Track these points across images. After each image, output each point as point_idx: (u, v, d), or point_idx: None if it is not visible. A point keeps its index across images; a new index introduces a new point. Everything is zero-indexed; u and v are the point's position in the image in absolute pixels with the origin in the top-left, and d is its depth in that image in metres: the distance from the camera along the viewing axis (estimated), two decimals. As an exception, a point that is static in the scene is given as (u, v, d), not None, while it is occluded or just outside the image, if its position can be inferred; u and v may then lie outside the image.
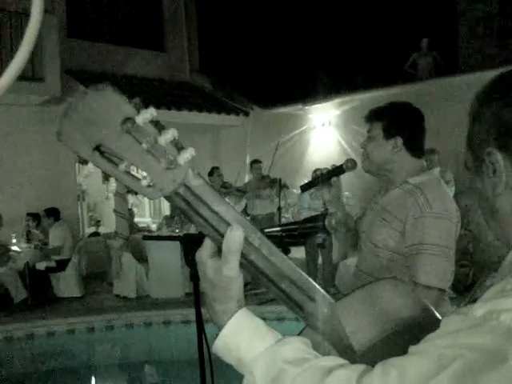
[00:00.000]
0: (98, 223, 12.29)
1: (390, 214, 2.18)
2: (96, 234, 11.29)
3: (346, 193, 8.64)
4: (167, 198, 0.86)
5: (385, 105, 2.31)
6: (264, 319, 0.94)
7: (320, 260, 8.02)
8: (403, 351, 0.82)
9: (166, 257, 7.72)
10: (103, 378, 6.33)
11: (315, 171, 8.36)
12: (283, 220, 9.03)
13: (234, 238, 0.88)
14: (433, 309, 1.06)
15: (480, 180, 0.97)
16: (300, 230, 1.54)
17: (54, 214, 8.42)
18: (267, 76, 10.32)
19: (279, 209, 8.25)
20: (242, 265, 0.91)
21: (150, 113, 0.79)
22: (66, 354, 6.66)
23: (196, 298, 2.40)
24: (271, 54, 10.37)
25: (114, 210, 7.92)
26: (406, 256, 2.11)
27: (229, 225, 0.88)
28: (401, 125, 2.25)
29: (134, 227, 9.15)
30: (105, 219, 12.19)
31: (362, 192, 7.82)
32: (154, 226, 10.86)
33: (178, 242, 8.04)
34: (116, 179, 0.83)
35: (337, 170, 2.26)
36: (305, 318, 0.95)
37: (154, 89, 11.28)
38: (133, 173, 0.83)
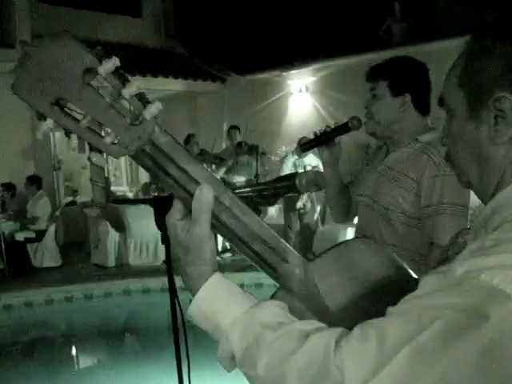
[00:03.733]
0: (75, 193, 12.15)
1: (402, 173, 2.05)
2: (73, 203, 11.18)
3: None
4: (133, 156, 0.82)
5: (387, 60, 2.17)
6: (242, 285, 0.93)
7: (298, 226, 8.05)
8: (379, 310, 0.81)
9: (144, 224, 7.68)
10: (83, 347, 6.32)
11: (301, 140, 8.40)
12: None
13: (204, 197, 0.85)
14: (408, 268, 1.05)
15: (474, 125, 0.91)
16: (271, 191, 1.51)
17: (36, 181, 8.33)
18: (244, 42, 10.18)
19: (256, 175, 8.23)
20: (213, 226, 0.88)
21: (113, 63, 0.75)
22: (45, 324, 6.66)
23: (167, 260, 2.36)
24: (248, 20, 10.23)
25: (90, 179, 7.79)
26: (421, 217, 2.01)
27: (198, 184, 0.85)
28: (409, 80, 2.12)
29: (110, 196, 9.07)
30: (82, 189, 12.05)
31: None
32: (131, 195, 10.80)
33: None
34: (78, 137, 0.79)
35: (342, 129, 2.12)
36: (278, 280, 0.93)
37: (129, 55, 11.03)
38: (96, 130, 0.78)
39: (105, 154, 0.81)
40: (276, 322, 0.85)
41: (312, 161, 7.89)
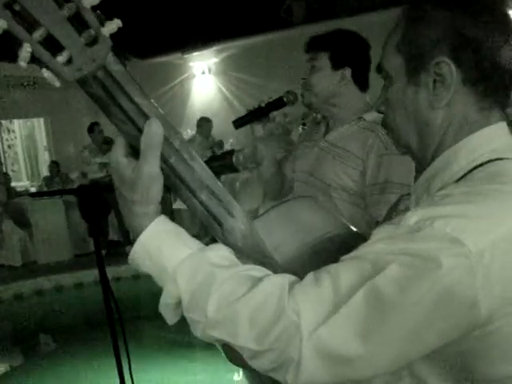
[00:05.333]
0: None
1: (346, 150, 2.02)
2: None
3: (231, 140, 8.67)
4: (83, 82, 0.77)
5: (329, 32, 2.11)
6: None
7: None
8: (327, 263, 0.80)
9: (50, 219, 7.40)
10: (11, 349, 6.00)
11: (201, 120, 8.34)
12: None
13: (154, 131, 0.80)
14: (351, 225, 1.05)
15: (414, 89, 0.92)
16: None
17: None
18: (143, 24, 9.89)
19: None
20: (162, 170, 0.83)
21: None
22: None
23: (98, 254, 2.25)
24: (146, 1, 9.94)
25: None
26: (366, 196, 1.99)
27: (148, 119, 0.80)
28: (350, 54, 2.06)
29: (11, 192, 8.65)
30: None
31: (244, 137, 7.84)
32: (33, 189, 10.31)
33: (61, 203, 7.74)
34: (29, 49, 0.72)
35: (277, 104, 2.06)
36: (223, 237, 0.88)
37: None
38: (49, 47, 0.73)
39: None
40: (227, 264, 0.82)
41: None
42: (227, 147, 7.99)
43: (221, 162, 1.62)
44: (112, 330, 2.25)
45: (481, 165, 0.87)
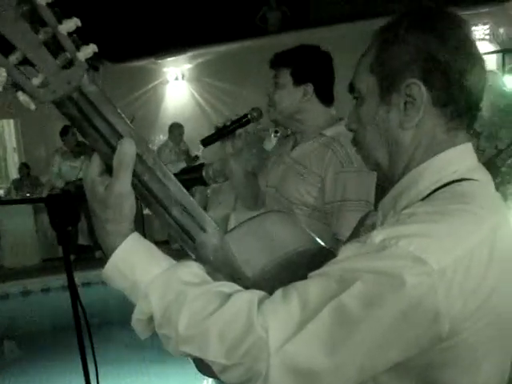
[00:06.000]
0: None
1: (306, 168, 2.04)
2: None
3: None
4: (58, 103, 0.78)
5: (291, 48, 2.11)
6: None
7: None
8: (296, 278, 0.83)
9: (19, 222, 7.28)
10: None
11: (172, 125, 8.29)
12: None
13: (126, 150, 0.82)
14: (319, 240, 1.07)
15: (385, 109, 0.95)
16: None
17: None
18: (117, 28, 9.84)
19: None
20: (134, 187, 0.85)
21: None
22: None
23: (67, 262, 2.24)
24: (120, 5, 9.88)
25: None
26: (326, 213, 2.00)
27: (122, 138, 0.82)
28: (311, 70, 2.07)
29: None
30: None
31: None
32: (1, 192, 10.13)
33: (30, 207, 7.63)
34: (6, 73, 0.74)
35: (242, 121, 2.06)
36: (195, 251, 0.91)
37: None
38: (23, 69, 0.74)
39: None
40: (197, 281, 0.85)
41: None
42: (199, 153, 7.97)
43: (190, 176, 1.63)
44: (79, 335, 2.24)
45: (446, 185, 0.90)
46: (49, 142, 9.80)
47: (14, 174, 9.94)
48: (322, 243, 1.06)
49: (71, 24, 0.73)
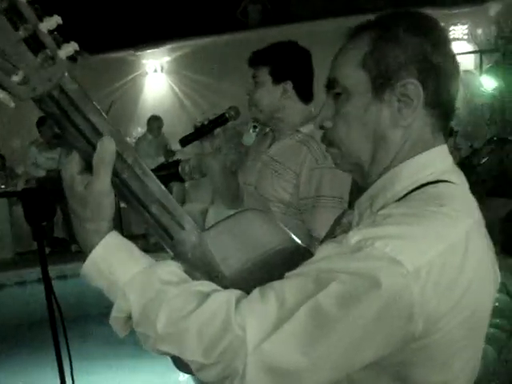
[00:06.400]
0: None
1: (282, 165, 2.05)
2: None
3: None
4: (38, 100, 0.78)
5: (269, 46, 2.10)
6: None
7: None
8: (273, 277, 0.84)
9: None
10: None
11: (151, 118, 8.23)
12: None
13: (106, 148, 0.82)
14: (296, 238, 1.08)
15: (377, 106, 0.94)
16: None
17: None
18: (95, 19, 9.72)
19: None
20: (114, 185, 0.85)
21: None
22: None
23: (41, 256, 2.22)
24: (98, -5, 9.77)
25: None
26: (301, 209, 2.01)
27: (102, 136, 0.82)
28: (290, 67, 2.07)
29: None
30: None
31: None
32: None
33: (4, 199, 7.51)
34: None
35: (220, 120, 2.06)
36: (174, 248, 0.92)
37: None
38: (3, 67, 0.73)
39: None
40: (176, 280, 0.85)
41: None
42: (177, 148, 7.93)
43: (167, 172, 1.63)
44: (53, 330, 2.22)
45: (421, 186, 0.91)
46: (24, 133, 9.66)
47: (-12, 165, 9.79)
48: (299, 241, 1.07)
49: (52, 22, 0.73)
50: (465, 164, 6.94)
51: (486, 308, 0.91)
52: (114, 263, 0.86)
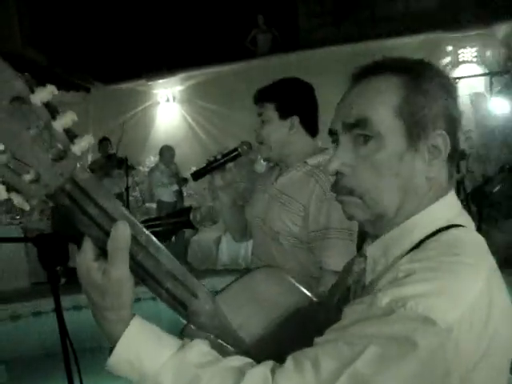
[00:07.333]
0: None
1: (290, 197, 2.04)
2: None
3: (194, 168, 8.64)
4: (50, 195, 0.75)
5: (273, 83, 2.12)
6: (139, 299, 0.87)
7: (173, 237, 7.96)
8: (292, 338, 0.84)
9: (7, 245, 7.12)
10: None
11: (163, 148, 8.29)
12: (131, 199, 8.83)
13: (121, 234, 0.79)
14: (308, 292, 1.07)
15: (412, 156, 0.92)
16: (165, 226, 1.46)
17: None
18: (108, 50, 9.89)
19: (127, 188, 8.05)
20: (130, 268, 0.82)
21: (50, 91, 0.68)
22: None
23: (56, 300, 2.22)
24: (111, 27, 9.94)
25: None
26: (310, 241, 2.00)
27: (115, 222, 0.79)
28: (296, 102, 2.08)
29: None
30: None
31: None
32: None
33: (19, 230, 7.55)
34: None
35: (232, 155, 2.08)
36: (188, 317, 0.91)
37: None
38: (15, 168, 0.70)
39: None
40: (207, 361, 0.84)
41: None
42: (188, 176, 7.97)
43: (178, 219, 1.65)
44: (66, 363, 2.21)
45: (434, 233, 0.91)
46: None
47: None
48: (310, 294, 1.06)
49: (67, 119, 0.71)
50: (478, 192, 6.92)
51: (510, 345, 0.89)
52: (141, 352, 0.83)
